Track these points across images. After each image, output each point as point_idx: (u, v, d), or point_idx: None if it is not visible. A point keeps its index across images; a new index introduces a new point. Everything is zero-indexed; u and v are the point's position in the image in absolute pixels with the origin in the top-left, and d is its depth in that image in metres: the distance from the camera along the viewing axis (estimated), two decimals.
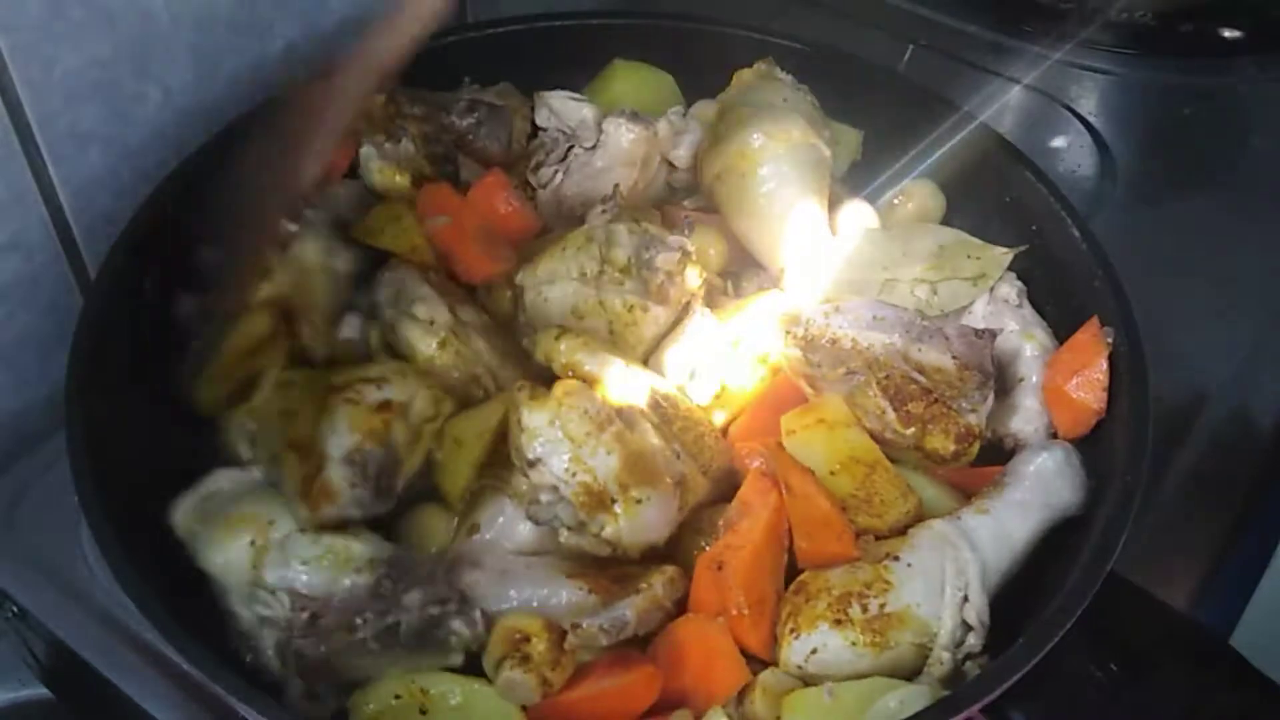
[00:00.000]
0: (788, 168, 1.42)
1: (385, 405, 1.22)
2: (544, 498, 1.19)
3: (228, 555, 1.15)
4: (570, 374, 1.25)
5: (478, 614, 1.14)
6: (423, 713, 1.12)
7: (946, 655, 1.14)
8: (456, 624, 1.13)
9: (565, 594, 1.19)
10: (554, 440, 1.18)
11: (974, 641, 1.15)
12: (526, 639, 1.12)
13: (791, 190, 1.42)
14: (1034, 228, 1.43)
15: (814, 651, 1.13)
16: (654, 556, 1.23)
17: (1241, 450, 1.52)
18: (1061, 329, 1.37)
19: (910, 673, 1.15)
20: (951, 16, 1.97)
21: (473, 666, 1.15)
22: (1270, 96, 1.92)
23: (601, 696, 1.13)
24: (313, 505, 1.15)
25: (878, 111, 1.56)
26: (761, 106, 1.45)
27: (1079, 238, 1.37)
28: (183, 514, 1.20)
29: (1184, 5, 1.95)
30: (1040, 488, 1.23)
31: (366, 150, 1.47)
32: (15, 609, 1.31)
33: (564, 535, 1.20)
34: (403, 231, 1.40)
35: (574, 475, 1.17)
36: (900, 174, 1.55)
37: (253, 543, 1.15)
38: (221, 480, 1.22)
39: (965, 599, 1.15)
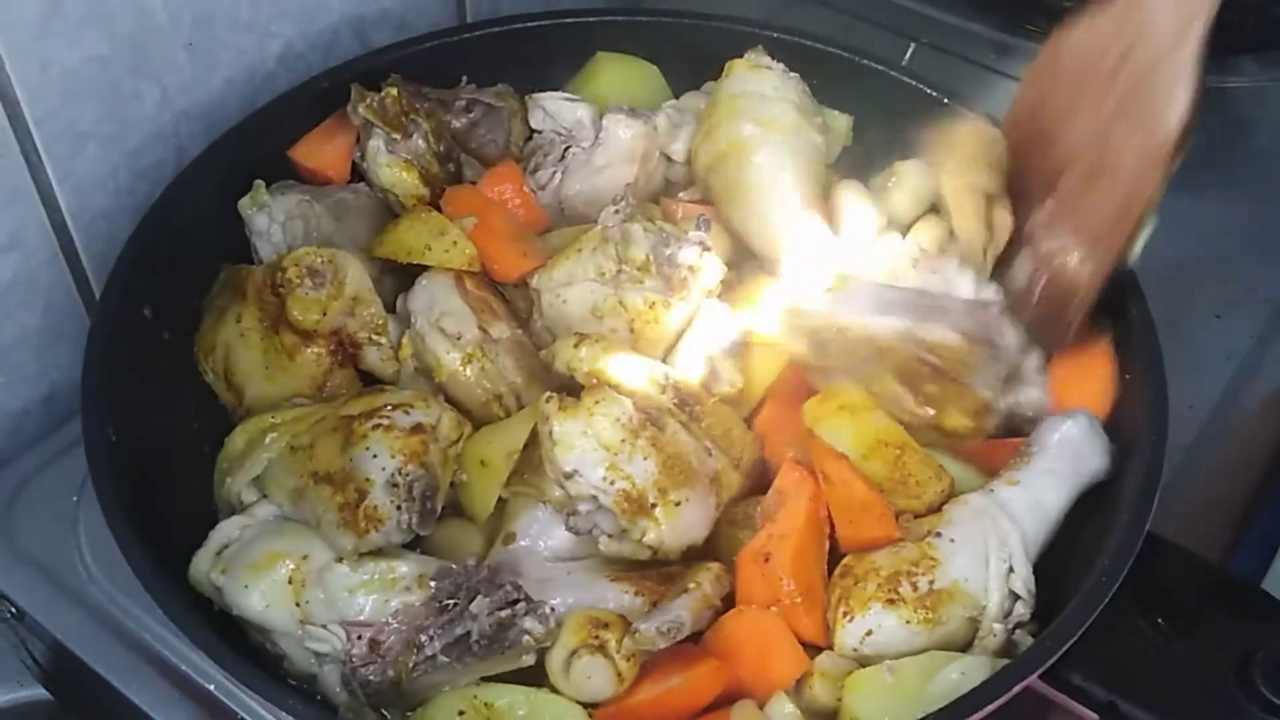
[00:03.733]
0: (781, 156, 1.42)
1: (419, 428, 1.20)
2: (583, 508, 1.18)
3: (266, 597, 1.13)
4: (595, 381, 1.23)
5: (548, 609, 1.12)
6: None
7: (998, 627, 1.14)
8: (529, 622, 1.11)
9: (611, 598, 1.18)
10: (589, 450, 1.16)
11: (1022, 610, 1.15)
12: (605, 625, 1.11)
13: (785, 179, 1.41)
14: None
15: (869, 633, 1.13)
16: (692, 554, 1.22)
17: (1251, 436, 1.51)
18: None
19: (962, 647, 1.15)
20: (954, 14, 1.97)
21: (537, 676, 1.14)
22: (1272, 95, 1.92)
23: (668, 696, 1.12)
24: (360, 532, 1.13)
25: (870, 104, 1.55)
26: (752, 96, 1.45)
27: None
28: (201, 570, 1.17)
29: None
30: (1068, 455, 1.23)
31: (375, 144, 1.46)
32: (13, 610, 1.30)
33: (604, 543, 1.19)
34: (453, 246, 1.37)
35: (612, 483, 1.16)
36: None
37: (290, 580, 1.13)
38: (230, 529, 1.20)
39: (1010, 570, 1.16)
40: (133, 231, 1.35)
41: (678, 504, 1.17)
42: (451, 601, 1.11)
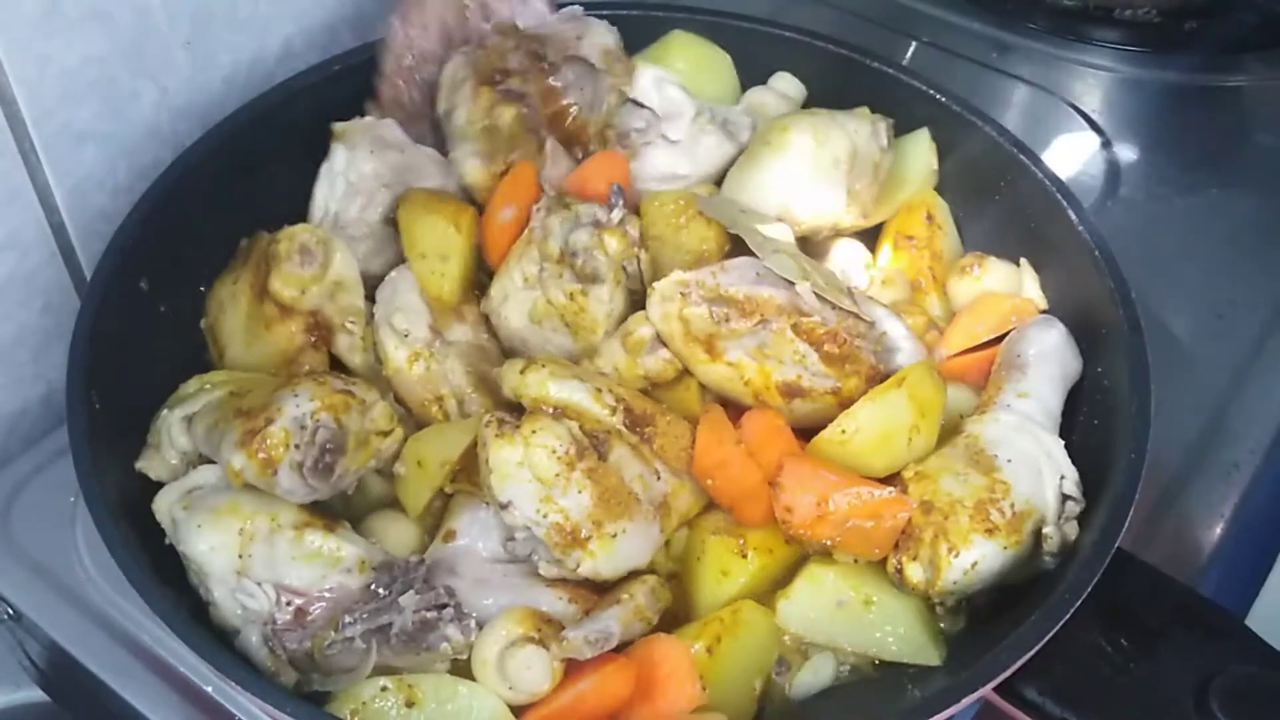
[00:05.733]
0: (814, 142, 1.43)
1: (349, 393, 1.20)
2: (519, 535, 1.17)
3: (213, 541, 1.14)
4: (541, 407, 1.21)
5: (473, 622, 1.13)
6: (409, 705, 1.10)
7: (1054, 530, 1.17)
8: (451, 629, 1.12)
9: (545, 602, 1.17)
10: (523, 481, 1.15)
11: (1074, 507, 1.18)
12: (547, 622, 1.11)
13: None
14: (1030, 218, 1.44)
15: (974, 565, 1.14)
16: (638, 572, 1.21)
17: (1246, 439, 1.51)
18: (1068, 322, 1.37)
19: (1028, 557, 1.17)
20: (955, 13, 1.97)
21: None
22: (1274, 94, 1.91)
23: (580, 700, 1.11)
24: (251, 453, 1.13)
25: (872, 103, 1.54)
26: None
27: (1075, 220, 1.38)
28: (166, 501, 1.18)
29: (1188, 3, 1.95)
30: (1056, 361, 1.31)
31: (460, 152, 1.43)
32: (10, 611, 1.30)
33: (543, 567, 1.18)
34: (437, 274, 1.35)
35: (545, 516, 1.15)
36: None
37: (241, 532, 1.14)
38: (207, 474, 1.20)
39: (1063, 477, 1.19)
40: (135, 203, 1.34)
41: (614, 535, 1.16)
42: (384, 591, 1.13)
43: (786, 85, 1.59)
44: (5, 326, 1.43)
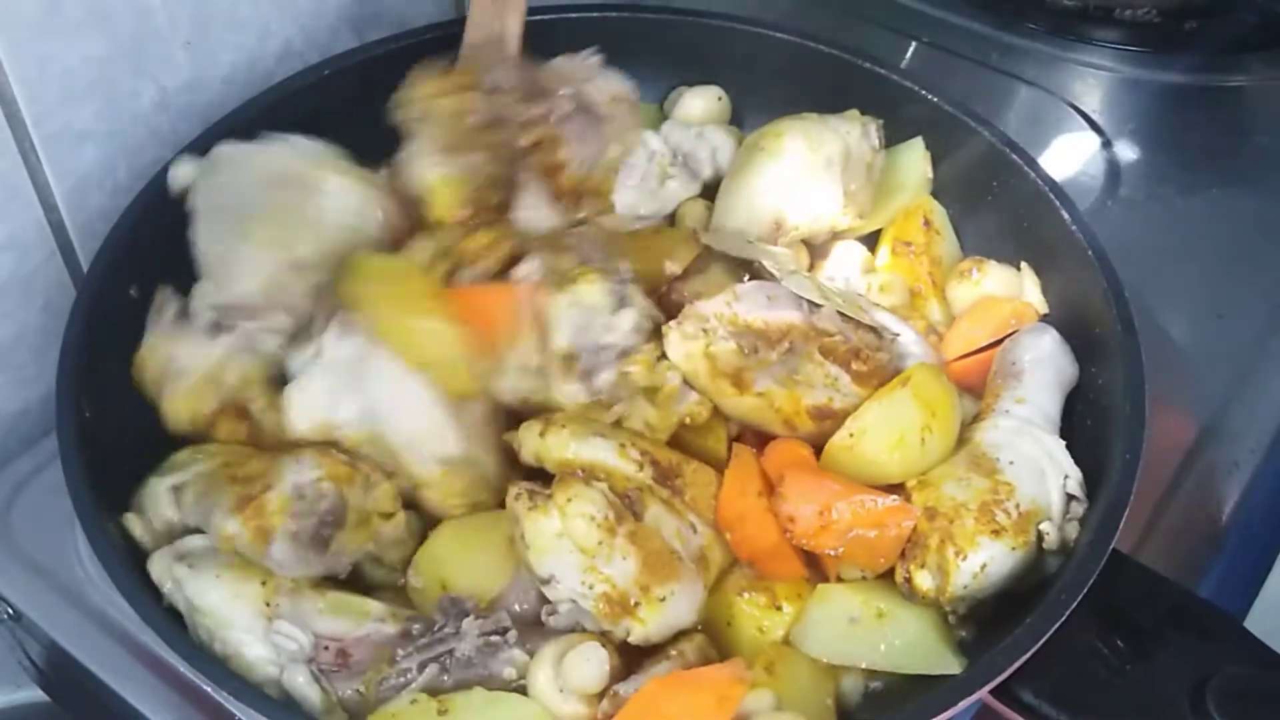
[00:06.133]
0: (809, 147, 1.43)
1: (355, 465, 1.16)
2: (563, 609, 1.13)
3: (234, 589, 1.10)
4: (568, 470, 1.17)
5: (534, 646, 1.11)
6: (441, 714, 1.08)
7: (1054, 529, 1.16)
8: (516, 653, 1.10)
9: None
10: (565, 553, 1.10)
11: (1078, 507, 1.18)
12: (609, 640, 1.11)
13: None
14: (1024, 219, 1.44)
15: (983, 568, 1.13)
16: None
17: (1246, 439, 1.50)
18: (1063, 322, 1.38)
19: (1035, 561, 1.16)
20: (955, 13, 1.97)
21: None
22: (1275, 94, 1.91)
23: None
24: (245, 519, 1.09)
25: (872, 105, 1.54)
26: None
27: (1068, 219, 1.38)
28: (162, 564, 1.13)
29: (1188, 3, 1.94)
30: (1051, 367, 1.31)
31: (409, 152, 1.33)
32: (10, 611, 1.30)
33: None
34: (454, 372, 1.19)
35: (592, 587, 1.10)
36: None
37: (264, 583, 1.11)
38: (199, 542, 1.15)
39: (1066, 476, 1.19)
40: (124, 209, 1.34)
41: (662, 599, 1.12)
42: (432, 627, 1.11)
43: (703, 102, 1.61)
44: (5, 326, 1.43)
